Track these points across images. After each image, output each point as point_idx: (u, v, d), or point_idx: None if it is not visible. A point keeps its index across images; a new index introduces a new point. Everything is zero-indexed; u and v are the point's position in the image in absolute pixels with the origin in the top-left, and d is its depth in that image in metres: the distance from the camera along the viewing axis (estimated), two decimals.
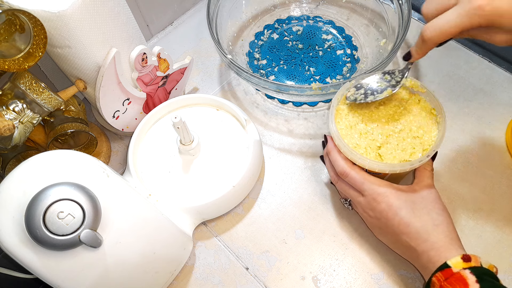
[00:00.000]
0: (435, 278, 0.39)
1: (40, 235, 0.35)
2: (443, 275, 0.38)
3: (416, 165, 0.43)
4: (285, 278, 0.50)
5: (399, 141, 0.45)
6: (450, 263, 0.38)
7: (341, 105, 0.48)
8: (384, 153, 0.45)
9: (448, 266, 0.38)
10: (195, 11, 0.76)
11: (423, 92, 0.47)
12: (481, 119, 0.59)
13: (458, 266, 0.38)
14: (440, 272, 0.38)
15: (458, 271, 0.37)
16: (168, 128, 0.56)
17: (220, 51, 0.56)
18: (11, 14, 0.39)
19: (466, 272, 0.37)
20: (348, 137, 0.46)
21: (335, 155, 0.46)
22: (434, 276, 0.39)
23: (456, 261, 0.38)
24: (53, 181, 0.37)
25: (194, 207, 0.49)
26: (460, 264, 0.38)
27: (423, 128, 0.46)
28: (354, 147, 0.45)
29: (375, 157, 0.45)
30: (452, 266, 0.38)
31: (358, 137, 0.46)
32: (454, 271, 0.37)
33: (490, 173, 0.54)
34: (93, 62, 0.47)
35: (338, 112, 0.48)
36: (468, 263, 0.38)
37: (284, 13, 0.71)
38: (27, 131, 0.45)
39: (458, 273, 0.37)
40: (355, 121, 0.47)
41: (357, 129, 0.47)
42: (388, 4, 0.61)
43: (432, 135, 0.45)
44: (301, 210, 0.54)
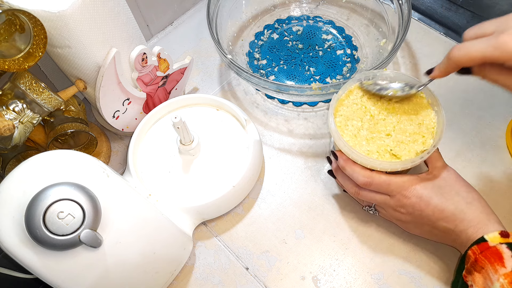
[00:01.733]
0: (471, 251, 0.39)
1: (40, 235, 0.35)
2: (479, 248, 0.38)
3: (425, 157, 0.43)
4: (285, 278, 0.50)
5: (404, 133, 0.45)
6: (487, 237, 0.39)
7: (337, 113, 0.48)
8: (398, 152, 0.45)
9: (485, 240, 0.39)
10: (195, 11, 0.76)
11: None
12: (481, 119, 0.59)
13: (495, 240, 0.38)
14: (476, 245, 0.39)
15: (495, 245, 0.38)
16: (168, 128, 0.56)
17: (220, 51, 0.56)
18: (11, 14, 0.39)
19: (502, 247, 0.37)
20: (358, 146, 0.46)
21: (352, 167, 0.45)
22: (470, 249, 0.39)
23: (494, 236, 0.39)
24: (53, 181, 0.37)
25: (194, 207, 0.49)
26: (497, 238, 0.38)
27: (421, 113, 0.46)
28: (367, 154, 0.45)
29: (390, 158, 0.45)
30: (489, 240, 0.38)
31: (367, 143, 0.46)
32: (491, 245, 0.38)
33: (490, 173, 0.54)
34: (93, 62, 0.47)
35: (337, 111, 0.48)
36: (505, 238, 0.38)
37: (284, 13, 0.71)
38: (27, 131, 0.45)
39: (494, 247, 0.38)
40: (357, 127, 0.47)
41: (362, 136, 0.46)
42: (388, 4, 0.61)
43: (431, 117, 0.46)
44: (301, 210, 0.54)
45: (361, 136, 0.46)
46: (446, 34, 0.67)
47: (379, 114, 0.47)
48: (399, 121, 0.46)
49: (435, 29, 0.68)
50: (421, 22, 0.69)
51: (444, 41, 0.66)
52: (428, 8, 0.71)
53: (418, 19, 0.70)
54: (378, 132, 0.46)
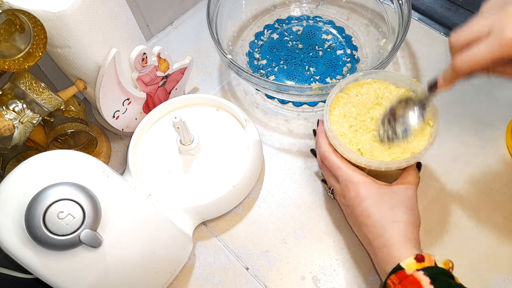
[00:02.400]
0: (390, 281, 0.38)
1: (40, 235, 0.35)
2: (397, 278, 0.37)
3: (403, 165, 0.43)
4: (285, 278, 0.50)
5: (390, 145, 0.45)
6: (403, 264, 0.37)
7: (335, 105, 0.48)
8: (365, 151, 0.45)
9: (402, 267, 0.37)
10: (195, 11, 0.76)
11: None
12: (481, 119, 0.59)
13: (411, 267, 0.37)
14: (394, 274, 0.38)
15: (412, 273, 0.37)
16: (168, 128, 0.56)
17: (220, 51, 0.56)
18: (11, 14, 0.39)
19: (419, 274, 0.36)
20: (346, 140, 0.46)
21: (321, 138, 0.47)
22: (389, 279, 0.38)
23: (409, 262, 0.37)
24: (53, 181, 0.37)
25: (194, 207, 0.49)
26: (413, 265, 0.37)
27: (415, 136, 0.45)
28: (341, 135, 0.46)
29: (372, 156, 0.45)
30: (405, 267, 0.37)
31: (347, 129, 0.47)
32: (408, 273, 0.37)
33: (490, 173, 0.54)
34: (93, 62, 0.47)
35: (332, 112, 0.48)
36: (421, 263, 0.37)
37: (284, 13, 0.71)
38: (27, 131, 0.45)
39: (411, 275, 0.36)
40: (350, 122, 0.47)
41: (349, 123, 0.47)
42: (388, 4, 0.61)
43: (420, 144, 0.45)
44: (301, 210, 0.54)
45: (356, 134, 0.47)
46: (446, 34, 0.67)
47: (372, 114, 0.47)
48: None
49: (435, 29, 0.68)
50: (421, 22, 0.69)
51: (444, 41, 0.66)
52: (428, 8, 0.71)
53: (418, 19, 0.70)
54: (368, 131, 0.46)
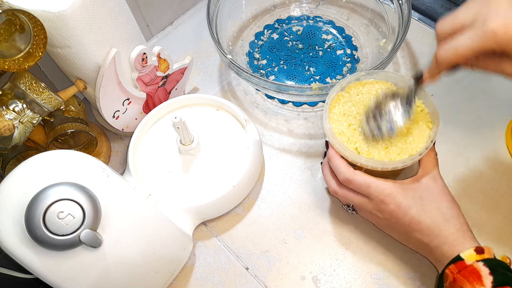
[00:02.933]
0: (448, 270, 0.39)
1: (40, 235, 0.35)
2: (456, 268, 0.38)
3: (399, 166, 0.43)
4: (285, 278, 0.50)
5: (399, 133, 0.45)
6: (463, 255, 0.38)
7: (335, 103, 0.48)
8: (391, 151, 0.45)
9: (461, 258, 0.38)
10: (195, 11, 0.76)
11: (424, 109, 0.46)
12: (481, 119, 0.59)
13: (471, 258, 0.38)
14: (453, 264, 0.38)
15: (472, 263, 0.37)
16: (168, 128, 0.56)
17: (220, 51, 0.56)
18: (11, 14, 0.39)
19: (479, 264, 0.37)
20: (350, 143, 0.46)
21: (337, 161, 0.45)
22: (447, 268, 0.39)
23: (469, 254, 0.38)
24: (53, 181, 0.37)
25: (194, 207, 0.49)
26: (473, 256, 0.38)
27: (415, 138, 0.45)
28: (339, 133, 0.46)
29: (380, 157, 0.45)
30: (465, 258, 0.38)
31: (346, 127, 0.46)
32: (467, 263, 0.38)
33: (490, 173, 0.54)
34: (93, 62, 0.47)
35: (332, 110, 0.48)
36: (481, 255, 0.38)
37: (284, 13, 0.71)
38: (27, 131, 0.45)
39: (471, 265, 0.37)
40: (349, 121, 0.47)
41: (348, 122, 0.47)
42: (388, 4, 0.61)
43: (419, 146, 0.45)
44: (301, 210, 0.54)
45: (355, 133, 0.46)
46: None
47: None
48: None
49: (435, 29, 0.68)
50: (421, 22, 0.69)
51: None
52: (428, 8, 0.71)
53: (418, 19, 0.70)
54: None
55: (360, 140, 0.46)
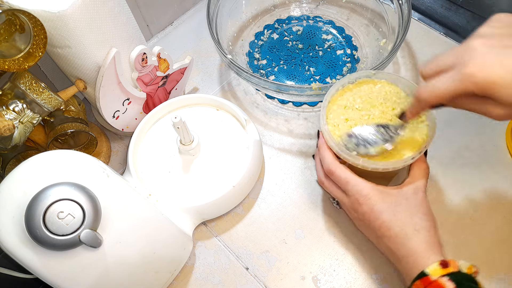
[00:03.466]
0: (414, 286, 0.38)
1: (40, 235, 0.35)
2: (422, 284, 0.37)
3: (408, 162, 0.43)
4: (285, 278, 0.50)
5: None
6: (428, 270, 0.37)
7: (332, 104, 0.48)
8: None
9: (426, 274, 0.37)
10: (195, 11, 0.76)
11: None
12: (481, 119, 0.58)
13: (436, 273, 0.37)
14: (419, 280, 0.38)
15: (436, 279, 0.37)
16: (168, 128, 0.56)
17: (220, 51, 0.56)
18: (11, 14, 0.39)
19: (444, 280, 0.36)
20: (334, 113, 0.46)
21: (324, 151, 0.46)
22: (413, 284, 0.38)
23: (434, 268, 0.37)
24: (53, 181, 0.37)
25: (194, 207, 0.49)
26: (438, 271, 0.37)
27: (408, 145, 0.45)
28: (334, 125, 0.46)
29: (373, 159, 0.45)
30: (430, 273, 0.37)
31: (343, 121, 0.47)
32: (432, 279, 0.37)
33: (490, 173, 0.54)
34: (93, 62, 0.47)
35: (329, 110, 0.48)
36: (446, 269, 0.37)
37: (284, 13, 0.71)
38: (27, 131, 0.45)
39: (436, 281, 0.37)
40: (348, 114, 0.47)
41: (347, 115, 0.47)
42: (388, 4, 0.61)
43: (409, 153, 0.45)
44: (301, 210, 0.54)
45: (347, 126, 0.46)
46: (446, 34, 0.67)
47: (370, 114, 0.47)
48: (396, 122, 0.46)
49: (435, 29, 0.68)
50: (421, 22, 0.69)
51: (444, 41, 0.66)
52: (428, 8, 0.71)
53: (418, 19, 0.70)
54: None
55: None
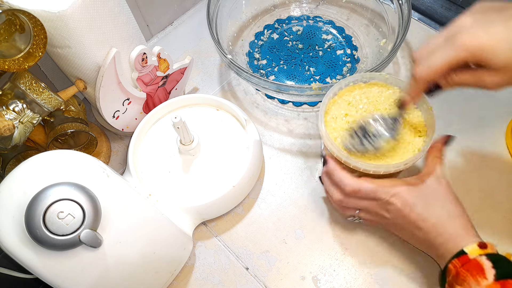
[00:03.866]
0: (451, 265, 0.39)
1: (40, 235, 0.35)
2: (459, 262, 0.39)
3: (409, 163, 0.43)
4: (285, 278, 0.50)
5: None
6: (466, 249, 0.39)
7: (331, 105, 0.48)
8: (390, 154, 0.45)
9: (465, 253, 0.39)
10: (195, 11, 0.76)
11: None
12: (481, 119, 0.59)
13: (474, 252, 0.38)
14: (456, 258, 0.39)
15: (475, 257, 0.38)
16: (168, 128, 0.56)
17: (220, 51, 0.56)
18: (11, 14, 0.39)
19: (482, 258, 0.38)
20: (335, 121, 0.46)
21: (340, 174, 0.45)
22: (451, 263, 0.39)
23: (473, 248, 0.39)
24: (53, 181, 0.37)
25: (194, 207, 0.49)
26: (476, 250, 0.39)
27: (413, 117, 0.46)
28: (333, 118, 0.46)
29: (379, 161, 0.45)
30: (468, 252, 0.39)
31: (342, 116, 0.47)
32: (471, 257, 0.38)
33: (490, 173, 0.54)
34: (93, 62, 0.47)
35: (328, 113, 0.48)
36: (484, 249, 0.39)
37: (284, 13, 0.71)
38: (27, 131, 0.45)
39: (474, 259, 0.38)
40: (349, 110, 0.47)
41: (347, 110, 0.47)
42: (388, 4, 0.61)
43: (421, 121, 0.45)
44: (301, 210, 0.54)
45: (345, 122, 0.46)
46: None
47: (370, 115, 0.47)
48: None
49: (435, 29, 0.68)
50: (421, 22, 0.69)
51: None
52: (428, 8, 0.71)
53: (418, 19, 0.70)
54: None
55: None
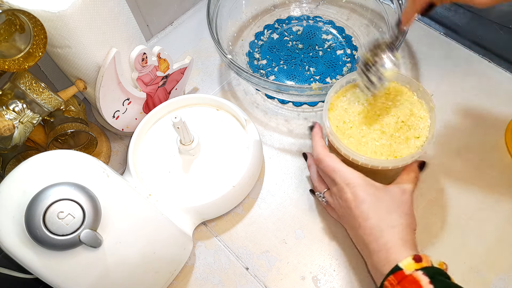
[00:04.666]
0: (387, 282, 0.37)
1: (40, 235, 0.35)
2: (395, 278, 0.37)
3: (408, 161, 0.43)
4: (285, 278, 0.50)
5: (398, 131, 0.45)
6: (401, 265, 0.37)
7: (335, 101, 0.48)
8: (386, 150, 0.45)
9: (400, 268, 0.37)
10: (195, 11, 0.76)
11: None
12: (481, 119, 0.59)
13: (410, 267, 0.37)
14: (392, 275, 0.37)
15: (411, 273, 0.36)
16: (168, 128, 0.56)
17: (220, 51, 0.56)
18: (11, 14, 0.39)
19: (418, 274, 0.36)
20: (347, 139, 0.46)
21: (317, 140, 0.47)
22: (386, 280, 0.37)
23: (408, 263, 0.37)
24: (53, 181, 0.37)
25: (194, 207, 0.49)
26: (411, 265, 0.37)
27: (415, 116, 0.46)
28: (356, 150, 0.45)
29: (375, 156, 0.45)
30: (404, 268, 0.37)
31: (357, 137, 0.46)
32: (406, 273, 0.36)
33: (490, 173, 0.54)
34: (93, 62, 0.47)
35: (332, 109, 0.48)
36: (419, 263, 0.37)
37: (284, 13, 0.71)
38: (27, 131, 0.45)
39: (410, 275, 0.36)
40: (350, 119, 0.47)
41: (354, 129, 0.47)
42: (388, 4, 0.61)
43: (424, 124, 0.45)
44: (301, 210, 0.54)
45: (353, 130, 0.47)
46: (446, 34, 0.67)
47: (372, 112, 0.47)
48: (396, 121, 0.46)
49: (435, 29, 0.68)
50: (421, 22, 0.69)
51: (444, 41, 0.66)
52: None
53: (418, 19, 0.70)
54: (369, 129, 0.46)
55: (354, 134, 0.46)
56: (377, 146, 0.45)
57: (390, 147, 0.45)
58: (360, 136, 0.46)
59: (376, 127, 0.47)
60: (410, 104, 0.47)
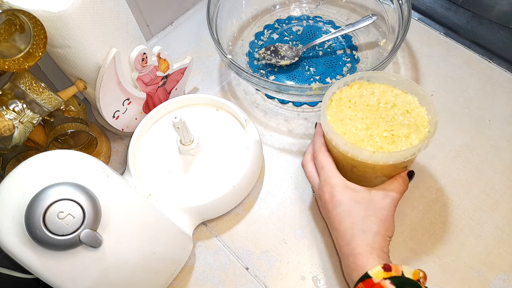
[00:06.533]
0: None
1: (40, 235, 0.35)
2: (364, 286, 0.38)
3: (408, 158, 0.43)
4: (285, 278, 0.50)
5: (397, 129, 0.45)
6: (371, 273, 0.38)
7: (333, 102, 0.48)
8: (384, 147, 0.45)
9: (369, 276, 0.38)
10: (195, 11, 0.76)
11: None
12: (481, 119, 0.59)
13: (378, 276, 0.37)
14: (361, 282, 0.38)
15: (379, 281, 0.37)
16: (168, 128, 0.56)
17: (220, 51, 0.56)
18: (11, 14, 0.39)
19: (386, 283, 0.37)
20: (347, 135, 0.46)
21: (316, 138, 0.48)
22: (356, 287, 0.38)
23: (377, 271, 0.38)
24: (53, 181, 0.37)
25: (194, 207, 0.49)
26: (380, 273, 0.38)
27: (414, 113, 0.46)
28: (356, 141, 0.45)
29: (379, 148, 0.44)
30: (373, 276, 0.38)
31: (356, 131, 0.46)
32: (375, 281, 0.37)
33: (490, 173, 0.54)
34: (93, 62, 0.47)
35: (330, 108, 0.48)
36: (388, 272, 0.38)
37: (284, 13, 0.71)
38: (27, 131, 0.45)
39: (378, 283, 0.37)
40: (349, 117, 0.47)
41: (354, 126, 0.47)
42: (388, 4, 0.61)
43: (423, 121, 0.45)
44: (301, 210, 0.54)
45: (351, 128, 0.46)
46: (446, 34, 0.67)
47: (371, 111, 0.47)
48: (396, 119, 0.46)
49: (435, 29, 0.68)
50: (421, 22, 0.69)
51: (444, 41, 0.67)
52: (428, 8, 0.71)
53: (418, 19, 0.70)
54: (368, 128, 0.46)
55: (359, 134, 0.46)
56: (377, 143, 0.45)
57: (389, 144, 0.45)
58: (358, 134, 0.46)
59: (375, 125, 0.46)
60: (409, 102, 0.47)
